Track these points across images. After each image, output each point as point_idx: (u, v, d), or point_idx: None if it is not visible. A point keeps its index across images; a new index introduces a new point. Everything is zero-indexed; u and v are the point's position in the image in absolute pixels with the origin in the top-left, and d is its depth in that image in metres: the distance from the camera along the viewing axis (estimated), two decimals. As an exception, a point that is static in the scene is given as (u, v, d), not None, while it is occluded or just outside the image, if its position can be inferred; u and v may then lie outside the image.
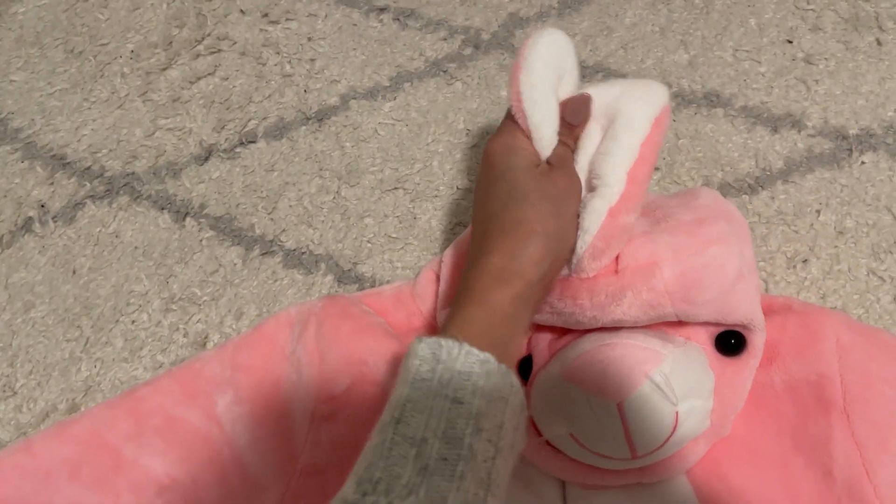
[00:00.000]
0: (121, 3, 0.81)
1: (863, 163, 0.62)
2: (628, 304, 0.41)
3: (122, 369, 0.61)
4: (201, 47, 0.77)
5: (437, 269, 0.54)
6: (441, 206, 0.65)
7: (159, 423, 0.50)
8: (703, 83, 0.67)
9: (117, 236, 0.68)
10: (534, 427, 0.46)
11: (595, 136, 0.44)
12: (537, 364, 0.46)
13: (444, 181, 0.66)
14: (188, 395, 0.51)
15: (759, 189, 0.61)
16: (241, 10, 0.79)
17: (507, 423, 0.33)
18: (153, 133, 0.73)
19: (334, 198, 0.67)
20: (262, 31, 0.77)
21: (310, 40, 0.76)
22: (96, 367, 0.61)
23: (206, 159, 0.70)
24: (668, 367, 0.42)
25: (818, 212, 0.60)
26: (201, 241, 0.66)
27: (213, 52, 0.76)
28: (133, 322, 0.63)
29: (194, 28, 0.78)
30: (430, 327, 0.55)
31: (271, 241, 0.65)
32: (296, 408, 0.50)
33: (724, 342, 0.46)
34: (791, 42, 0.68)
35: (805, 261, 0.58)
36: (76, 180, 0.71)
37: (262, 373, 0.52)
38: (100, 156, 0.72)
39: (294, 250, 0.65)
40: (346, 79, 0.73)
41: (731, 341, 0.46)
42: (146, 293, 0.64)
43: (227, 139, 0.71)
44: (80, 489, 0.48)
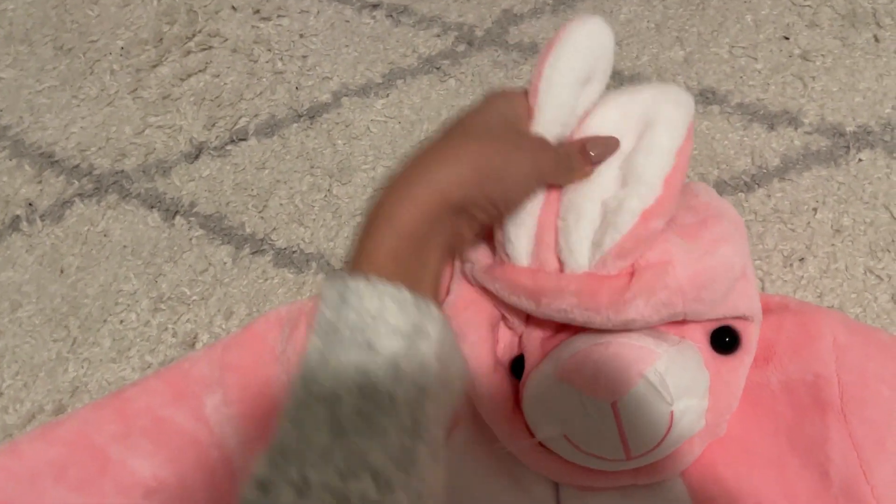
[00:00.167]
0: (111, 0, 0.80)
1: (860, 160, 0.61)
2: (643, 303, 0.41)
3: (109, 370, 0.60)
4: (192, 44, 0.76)
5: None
6: (434, 204, 0.65)
7: (147, 424, 0.49)
8: (699, 80, 0.67)
9: (106, 235, 0.67)
10: (526, 428, 0.45)
11: (628, 139, 0.43)
12: (529, 363, 0.45)
13: (437, 179, 0.66)
14: (176, 396, 0.51)
15: (756, 187, 0.61)
16: (233, 7, 0.78)
17: (431, 359, 0.30)
18: (143, 131, 0.72)
19: (326, 196, 0.66)
20: (253, 27, 0.77)
21: (302, 37, 0.75)
22: (83, 367, 0.60)
23: (197, 157, 0.70)
24: (663, 366, 0.41)
25: (815, 210, 0.59)
26: (191, 239, 0.65)
27: (204, 49, 0.76)
28: (121, 322, 0.62)
29: (185, 24, 0.77)
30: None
31: (262, 240, 0.64)
32: (285, 408, 0.50)
33: (720, 340, 0.45)
34: (788, 38, 0.68)
35: (802, 259, 0.57)
36: (64, 178, 0.70)
37: (251, 373, 0.51)
38: (88, 154, 0.71)
39: (285, 249, 0.64)
40: (338, 76, 0.73)
41: (726, 339, 0.45)
42: (135, 292, 0.63)
43: (217, 137, 0.70)
44: (66, 491, 0.47)
